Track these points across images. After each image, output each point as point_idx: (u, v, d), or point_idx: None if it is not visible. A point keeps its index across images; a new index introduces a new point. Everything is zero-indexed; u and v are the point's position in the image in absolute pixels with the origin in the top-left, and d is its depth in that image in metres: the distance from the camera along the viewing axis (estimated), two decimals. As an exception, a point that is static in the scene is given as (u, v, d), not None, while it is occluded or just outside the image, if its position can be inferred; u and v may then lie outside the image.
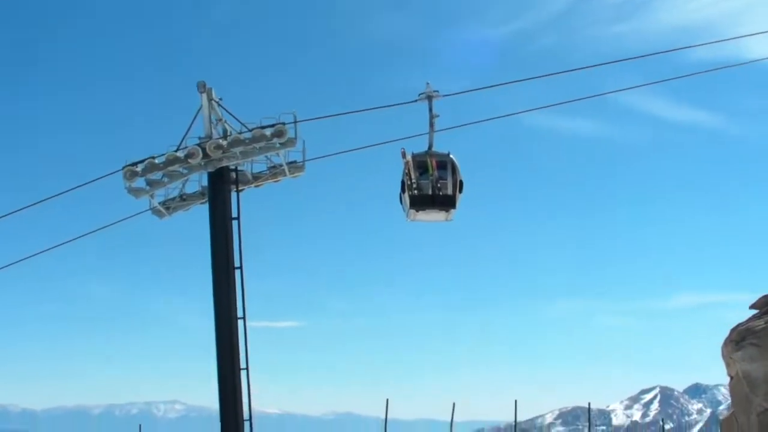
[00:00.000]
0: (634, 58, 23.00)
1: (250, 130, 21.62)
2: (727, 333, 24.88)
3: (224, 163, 21.66)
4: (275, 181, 22.89)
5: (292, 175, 22.61)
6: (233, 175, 21.99)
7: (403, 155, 18.51)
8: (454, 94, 18.78)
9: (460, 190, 19.01)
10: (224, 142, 21.53)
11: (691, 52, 44.89)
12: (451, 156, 19.01)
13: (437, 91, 18.81)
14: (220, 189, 21.81)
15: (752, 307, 25.72)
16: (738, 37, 23.08)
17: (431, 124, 18.73)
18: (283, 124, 21.49)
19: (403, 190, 19.14)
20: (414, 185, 18.71)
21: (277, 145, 21.88)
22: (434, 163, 18.69)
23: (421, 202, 18.91)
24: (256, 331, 21.99)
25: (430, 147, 18.93)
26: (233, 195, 21.77)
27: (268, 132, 21.57)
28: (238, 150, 21.55)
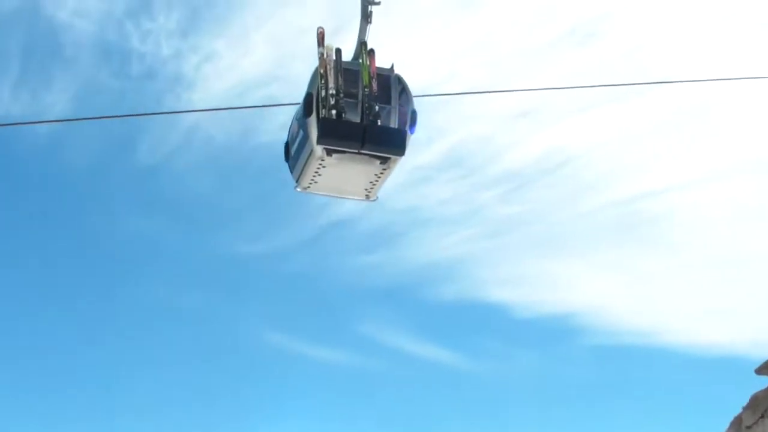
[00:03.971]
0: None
1: None
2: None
3: None
4: None
5: None
6: None
7: (321, 39, 9.86)
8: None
9: (412, 127, 10.50)
10: None
11: (436, 289, 41.99)
12: (397, 73, 10.66)
13: None
14: None
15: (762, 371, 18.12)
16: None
17: (366, 15, 10.47)
18: None
19: (306, 111, 10.21)
20: (331, 100, 9.95)
21: None
22: (372, 70, 10.26)
23: (340, 132, 9.98)
24: None
25: (357, 57, 10.54)
26: None
27: None
28: None
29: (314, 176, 10.16)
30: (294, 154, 10.29)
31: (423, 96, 10.47)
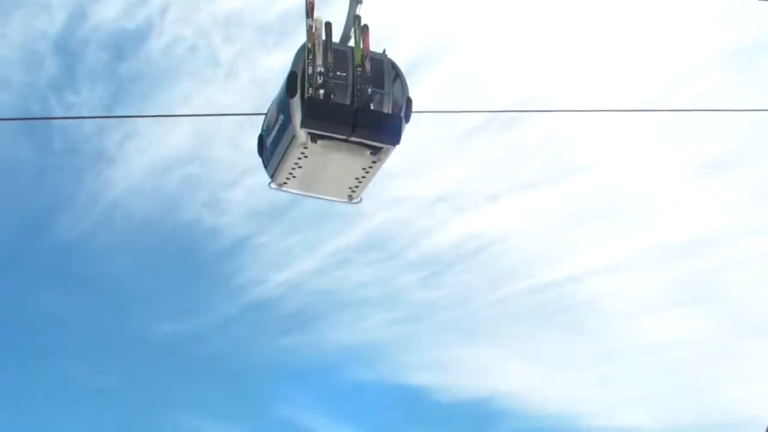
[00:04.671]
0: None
1: None
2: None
3: None
4: None
5: None
6: None
7: (310, 10, 8.72)
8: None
9: (407, 116, 9.32)
10: None
11: (356, 372, 41.19)
12: (390, 58, 9.56)
13: None
14: None
15: None
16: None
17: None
18: None
19: (290, 90, 8.52)
20: (318, 79, 8.71)
21: None
22: (366, 47, 9.14)
23: (328, 114, 8.45)
24: None
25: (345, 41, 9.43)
26: None
27: None
28: None
29: (293, 169, 8.93)
30: (270, 144, 9.06)
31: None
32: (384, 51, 9.06)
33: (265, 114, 9.34)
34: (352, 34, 8.90)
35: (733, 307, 34.99)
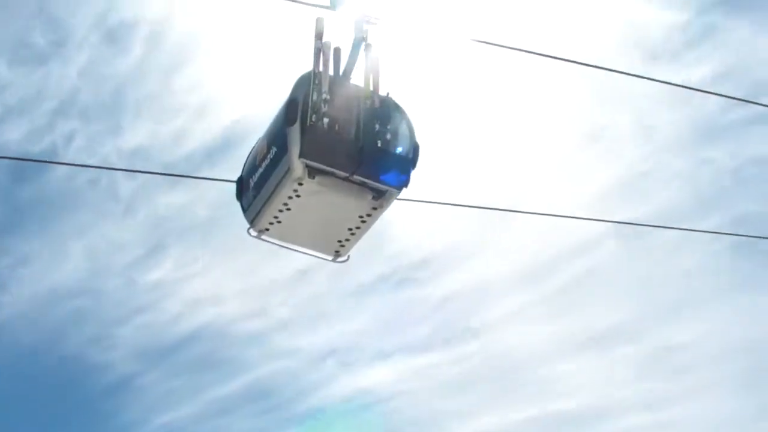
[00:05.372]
0: None
1: None
2: None
3: None
4: None
5: None
6: None
7: (320, 32, 7.66)
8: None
9: (414, 162, 7.96)
10: None
11: None
12: (395, 101, 8.38)
13: None
14: None
15: None
16: None
17: (361, 39, 8.28)
18: None
19: (289, 118, 7.36)
20: (323, 107, 7.37)
21: None
22: (377, 84, 7.95)
23: (331, 145, 7.34)
24: None
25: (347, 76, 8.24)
26: None
27: None
28: None
29: (280, 212, 7.65)
30: (255, 185, 7.77)
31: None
32: (388, 94, 8.14)
33: (248, 155, 8.13)
34: (358, 65, 7.94)
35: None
